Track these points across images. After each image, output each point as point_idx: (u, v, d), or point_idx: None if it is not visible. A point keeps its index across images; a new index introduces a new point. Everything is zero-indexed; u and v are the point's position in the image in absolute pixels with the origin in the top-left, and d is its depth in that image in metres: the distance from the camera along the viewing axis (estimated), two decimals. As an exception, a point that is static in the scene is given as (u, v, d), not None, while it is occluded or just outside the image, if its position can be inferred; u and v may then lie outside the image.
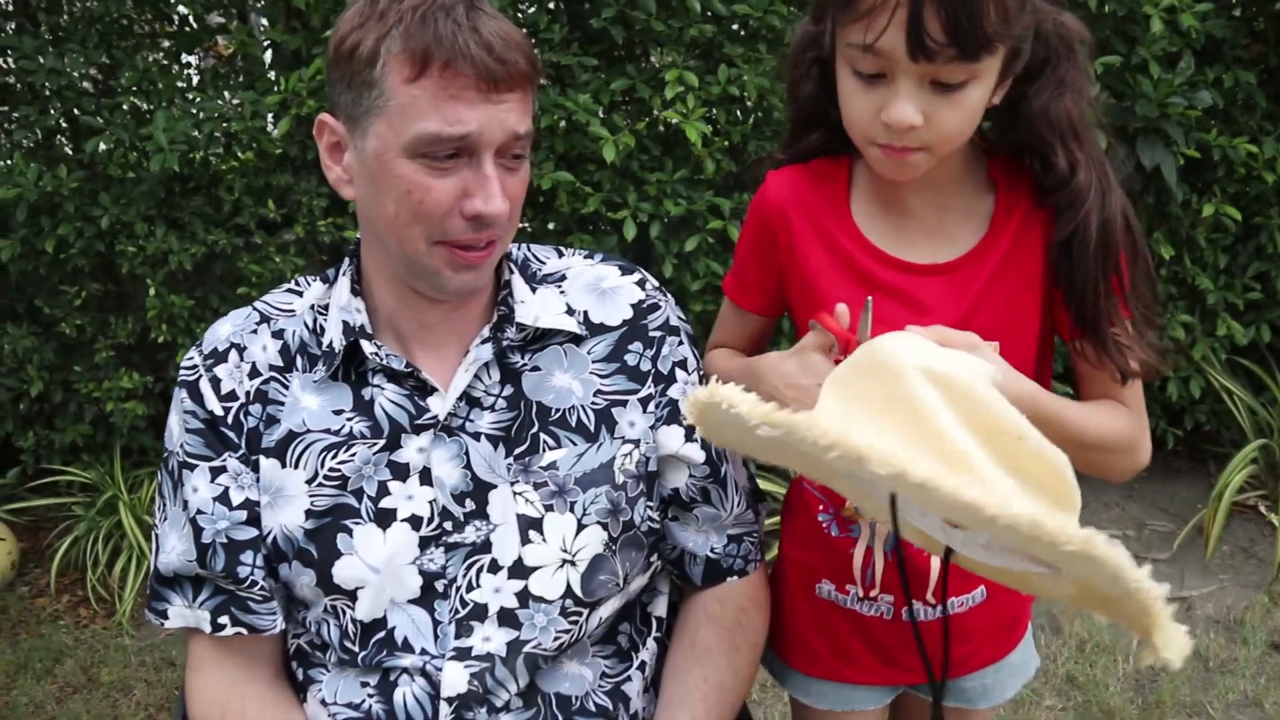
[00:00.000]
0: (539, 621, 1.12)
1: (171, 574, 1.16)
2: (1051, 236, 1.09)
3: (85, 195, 2.73)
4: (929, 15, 0.93)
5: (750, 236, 1.24)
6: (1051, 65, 1.04)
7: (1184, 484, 3.38)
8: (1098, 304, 1.07)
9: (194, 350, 1.18)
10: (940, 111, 1.00)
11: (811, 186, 1.18)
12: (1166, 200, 2.83)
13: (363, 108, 1.02)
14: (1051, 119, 1.04)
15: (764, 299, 1.26)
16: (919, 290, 1.12)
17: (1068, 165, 1.05)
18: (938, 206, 1.14)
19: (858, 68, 1.01)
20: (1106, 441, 1.11)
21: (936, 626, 1.19)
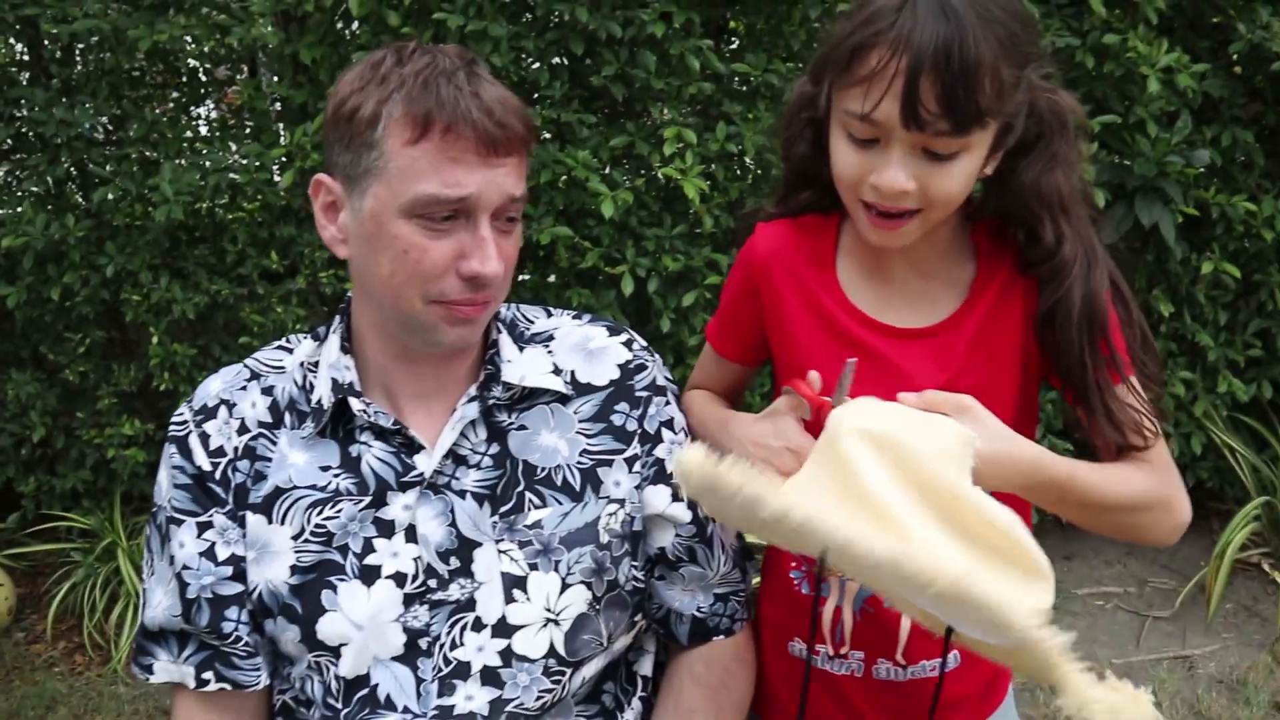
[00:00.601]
0: (522, 680, 1.11)
1: (157, 629, 1.16)
2: (1033, 306, 1.10)
3: (91, 244, 2.77)
4: (925, 87, 0.95)
5: (734, 287, 1.25)
6: (1045, 140, 1.06)
7: (1186, 541, 3.33)
8: (1085, 376, 1.07)
9: (184, 406, 1.19)
10: (931, 179, 1.02)
11: (799, 242, 1.19)
12: (1165, 258, 2.84)
13: (361, 168, 1.04)
14: (1042, 193, 1.06)
15: (743, 349, 1.27)
16: (897, 354, 1.13)
17: (1054, 239, 1.06)
18: (920, 272, 1.15)
19: (851, 131, 1.03)
20: (1130, 502, 1.07)
21: (908, 687, 1.18)
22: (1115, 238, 2.69)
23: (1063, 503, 1.06)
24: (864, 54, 0.98)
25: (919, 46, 0.95)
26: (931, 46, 0.95)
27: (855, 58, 0.99)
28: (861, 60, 0.98)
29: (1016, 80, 1.00)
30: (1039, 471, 1.01)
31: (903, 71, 0.96)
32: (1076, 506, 1.07)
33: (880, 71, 0.97)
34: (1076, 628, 2.86)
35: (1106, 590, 3.14)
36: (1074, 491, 1.03)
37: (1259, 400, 3.15)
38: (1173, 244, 2.71)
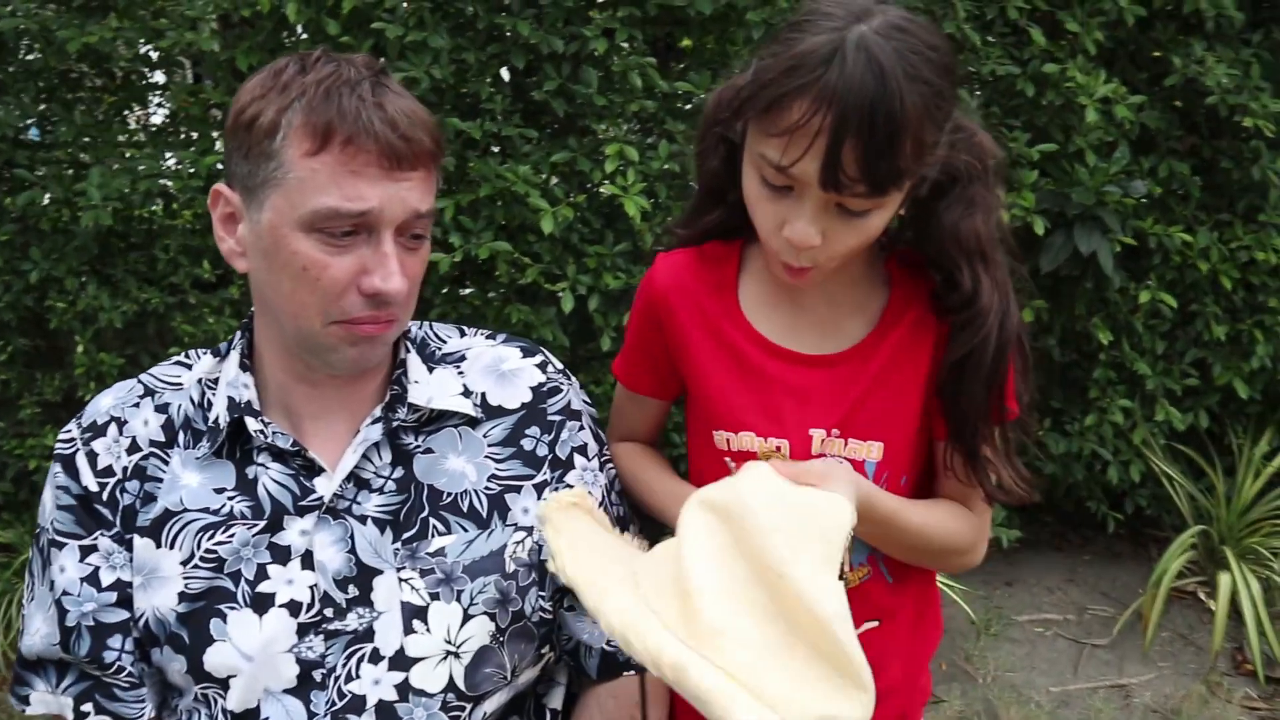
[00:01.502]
0: (418, 716, 1.07)
1: (35, 657, 1.11)
2: (942, 347, 1.08)
3: (15, 249, 2.69)
4: (847, 151, 0.91)
5: (636, 320, 1.22)
6: (961, 185, 1.03)
7: (1125, 568, 3.38)
8: (977, 425, 1.06)
9: (73, 423, 1.14)
10: (839, 233, 0.99)
11: (699, 271, 1.16)
12: (1104, 286, 2.86)
13: (259, 179, 1.00)
14: (960, 238, 1.03)
15: (655, 382, 1.24)
16: (802, 381, 1.10)
17: (971, 285, 1.04)
18: (829, 299, 1.12)
19: (766, 177, 0.99)
20: (946, 545, 1.12)
21: None
22: (1053, 265, 2.70)
23: (885, 538, 1.09)
24: (787, 103, 0.93)
25: (845, 107, 0.90)
26: (858, 109, 0.90)
27: (777, 105, 0.94)
28: (783, 109, 0.94)
29: (937, 140, 0.97)
30: (871, 506, 1.01)
31: (826, 131, 0.91)
32: (895, 542, 1.11)
33: (803, 127, 0.92)
34: (1015, 655, 2.89)
35: (1046, 617, 3.14)
36: (896, 528, 1.06)
37: (1196, 429, 3.18)
38: (1111, 273, 2.73)
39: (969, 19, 2.60)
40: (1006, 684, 2.80)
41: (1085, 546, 3.50)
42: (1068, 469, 3.12)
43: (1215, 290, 3.02)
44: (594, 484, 1.18)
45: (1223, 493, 3.18)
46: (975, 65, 2.66)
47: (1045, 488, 3.28)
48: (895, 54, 0.91)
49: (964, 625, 3.02)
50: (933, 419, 1.13)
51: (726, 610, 0.86)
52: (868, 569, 1.16)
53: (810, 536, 0.89)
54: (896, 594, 1.18)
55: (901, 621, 1.20)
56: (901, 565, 1.16)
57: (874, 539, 1.10)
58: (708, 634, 0.85)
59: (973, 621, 3.01)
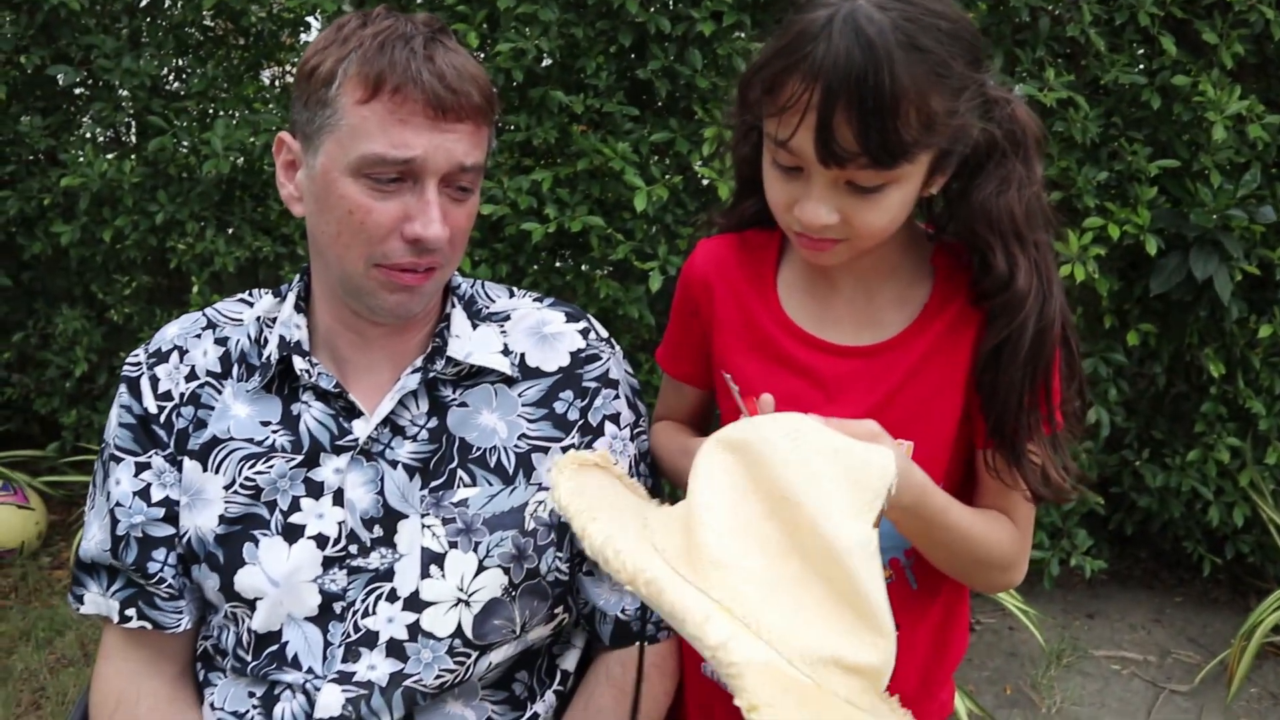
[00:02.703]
0: (424, 657, 1.10)
1: (90, 561, 1.18)
2: (982, 340, 1.04)
3: (145, 190, 2.85)
4: (839, 122, 0.90)
5: (676, 305, 1.22)
6: (995, 159, 0.99)
7: (1219, 616, 3.20)
8: (1018, 417, 1.02)
9: (141, 348, 1.21)
10: (858, 212, 0.97)
11: (738, 258, 1.15)
12: (1220, 315, 2.71)
13: (316, 125, 1.05)
14: (991, 217, 0.99)
15: (692, 368, 1.24)
16: (831, 372, 1.08)
17: (1006, 267, 1.00)
18: (867, 290, 1.10)
19: (776, 158, 0.98)
20: (988, 557, 1.06)
21: None
22: (1165, 288, 2.57)
23: (927, 536, 1.03)
24: (781, 81, 0.93)
25: (832, 80, 0.89)
26: (844, 80, 0.88)
27: (774, 84, 0.94)
28: (779, 88, 0.93)
29: (952, 109, 0.93)
30: (924, 496, 0.97)
31: (815, 106, 0.90)
32: (939, 544, 1.04)
33: (794, 104, 0.91)
34: (1087, 689, 2.77)
35: (1125, 655, 3.00)
36: (943, 526, 1.01)
37: (1312, 476, 2.98)
38: (1228, 302, 2.58)
39: (1095, 23, 2.49)
40: (1071, 717, 2.70)
41: (1178, 588, 3.33)
42: (1165, 504, 2.97)
43: (1347, 330, 2.82)
44: (622, 453, 1.19)
45: (1336, 547, 2.98)
46: (1100, 72, 2.55)
47: (1139, 521, 3.13)
48: (889, 24, 0.89)
49: (1035, 651, 2.91)
50: (974, 423, 1.08)
51: (732, 545, 0.82)
52: (891, 573, 1.13)
53: (839, 478, 0.84)
54: (920, 602, 1.15)
55: (922, 632, 1.16)
56: (929, 572, 1.12)
57: (917, 536, 1.05)
58: (708, 566, 0.81)
59: (1045, 649, 2.91)
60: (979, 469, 1.09)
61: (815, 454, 0.84)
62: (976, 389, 1.05)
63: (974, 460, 1.11)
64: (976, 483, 1.11)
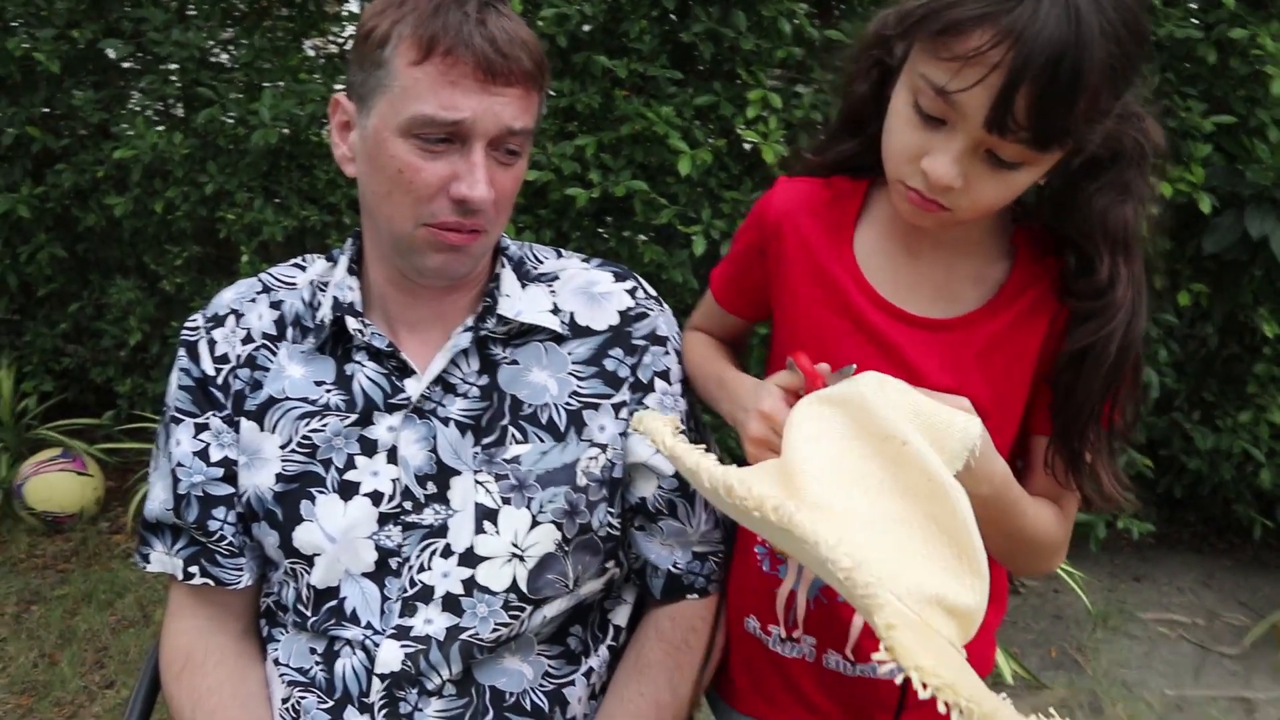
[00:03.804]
0: (480, 611, 1.12)
1: (154, 520, 1.21)
2: (1057, 333, 1.03)
3: (195, 162, 2.89)
4: (1022, 93, 0.85)
5: (744, 241, 1.19)
6: (1119, 168, 0.97)
7: (1269, 579, 3.16)
8: (1086, 425, 1.01)
9: (199, 313, 1.24)
10: (982, 182, 0.93)
11: (818, 206, 1.11)
12: (1275, 275, 2.65)
13: (370, 86, 1.06)
14: (1109, 225, 0.97)
15: (744, 304, 1.22)
16: (901, 340, 1.05)
17: (1109, 276, 0.98)
18: (946, 262, 1.07)
19: (920, 101, 0.92)
20: (1038, 543, 1.05)
21: (855, 683, 1.14)
22: (1219, 247, 2.52)
23: (995, 524, 1.00)
24: (966, 29, 0.86)
25: (1032, 48, 0.83)
26: (1046, 53, 0.83)
27: (955, 29, 0.87)
28: (962, 35, 0.86)
29: (1111, 107, 0.90)
30: (1005, 489, 0.97)
31: (1005, 68, 0.84)
32: (1002, 532, 1.02)
33: (979, 58, 0.85)
34: (1133, 652, 2.76)
35: (1172, 618, 2.98)
36: (1013, 519, 1.00)
37: (1367, 438, 2.93)
38: (1284, 260, 2.53)
39: (1149, -23, 2.44)
40: (1117, 679, 2.69)
41: (1227, 551, 3.30)
42: (1215, 467, 2.94)
43: (1407, 289, 2.76)
44: (673, 408, 1.20)
45: (1391, 510, 2.93)
46: (1154, 26, 2.49)
47: (1189, 484, 3.10)
48: (1094, 5, 0.85)
49: (1081, 614, 2.90)
50: (1035, 411, 1.07)
51: (832, 488, 0.81)
52: None
53: (928, 433, 0.83)
54: None
55: None
56: None
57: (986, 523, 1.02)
58: (808, 509, 0.79)
59: (1091, 612, 2.89)
60: (1033, 458, 1.08)
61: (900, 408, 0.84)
62: (1051, 386, 1.04)
63: (1028, 444, 1.10)
64: (1028, 467, 1.10)
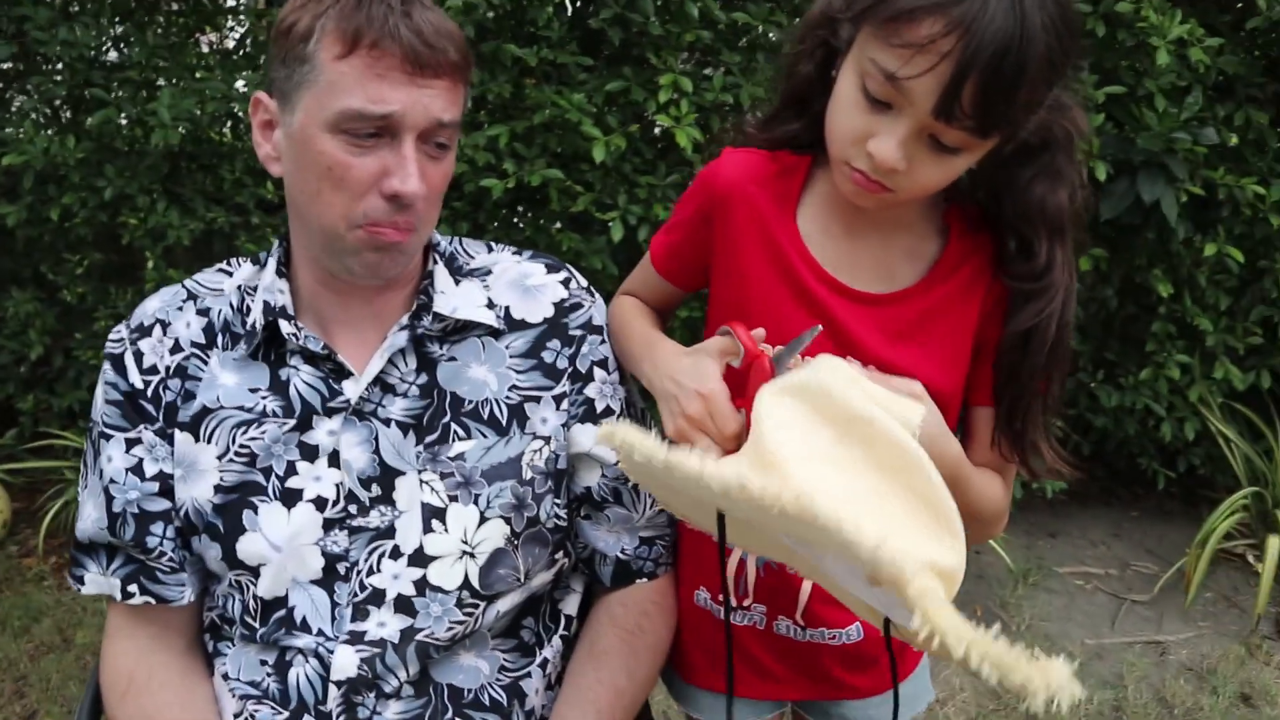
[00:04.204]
0: (434, 611, 1.12)
1: (87, 541, 1.18)
2: (991, 307, 1.08)
3: (91, 166, 2.78)
4: (970, 83, 0.89)
5: (690, 209, 1.19)
6: (1050, 153, 1.02)
7: (1174, 527, 3.33)
8: (1030, 402, 1.07)
9: (122, 324, 1.20)
10: (924, 165, 0.97)
11: (766, 177, 1.13)
12: (1167, 237, 2.78)
13: (294, 83, 1.04)
14: (1047, 211, 1.02)
15: (684, 273, 1.22)
16: (846, 315, 1.09)
17: (1047, 259, 1.03)
18: (883, 238, 1.10)
19: (869, 86, 0.95)
20: (987, 514, 1.11)
21: (805, 648, 1.18)
22: (1114, 213, 2.63)
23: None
24: (917, 17, 0.90)
25: (981, 41, 0.87)
26: (993, 46, 0.87)
27: (907, 17, 0.90)
28: (913, 23, 0.90)
29: (1045, 97, 0.95)
30: (957, 468, 1.01)
31: (954, 59, 0.88)
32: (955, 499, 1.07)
33: (930, 47, 0.89)
34: (1053, 605, 2.88)
35: (1087, 570, 3.12)
36: (963, 494, 1.03)
37: (1257, 389, 3.10)
38: (1175, 223, 2.65)
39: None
40: (1041, 633, 2.81)
41: (1134, 503, 3.46)
42: (1120, 423, 3.08)
43: (1288, 246, 2.93)
44: (613, 397, 1.21)
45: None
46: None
47: (1096, 441, 3.24)
48: (1040, 3, 0.89)
49: (1002, 573, 3.02)
50: (973, 383, 1.12)
51: (812, 471, 0.84)
52: None
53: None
54: None
55: None
56: None
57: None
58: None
59: (1011, 569, 3.01)
60: (973, 428, 1.13)
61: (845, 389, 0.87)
62: (994, 368, 1.09)
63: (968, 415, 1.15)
64: (969, 437, 1.15)
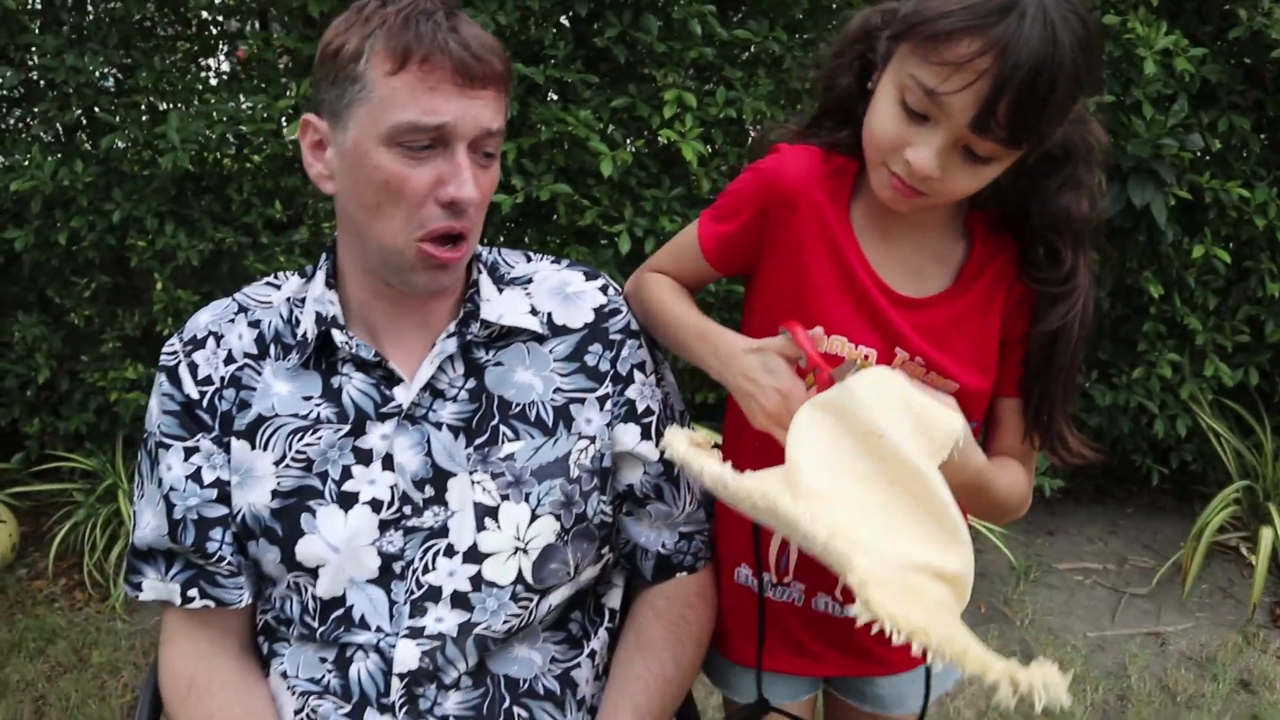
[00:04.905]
0: (490, 605, 1.16)
1: (146, 548, 1.21)
2: (1012, 302, 1.15)
3: (99, 190, 2.81)
4: (1005, 100, 0.95)
5: (748, 199, 1.20)
6: (1072, 163, 1.09)
7: (1168, 522, 3.40)
8: (1055, 397, 1.14)
9: (175, 337, 1.24)
10: (956, 174, 1.03)
11: (824, 175, 1.17)
12: (1157, 240, 2.87)
13: (345, 101, 1.09)
14: (1073, 219, 1.09)
15: (730, 260, 1.25)
16: (887, 317, 1.14)
17: (1071, 264, 1.10)
18: (915, 242, 1.16)
19: (908, 99, 1.02)
20: (1011, 503, 1.18)
21: (843, 623, 1.23)
22: (1106, 217, 2.71)
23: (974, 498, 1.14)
24: (956, 37, 0.96)
25: (1017, 60, 0.93)
26: (1029, 65, 0.93)
27: (946, 37, 0.96)
28: (952, 42, 0.96)
29: (1071, 110, 1.02)
30: (982, 474, 1.07)
31: (991, 77, 0.94)
32: (979, 504, 1.16)
33: (968, 66, 0.95)
34: (1054, 601, 2.94)
35: (1086, 566, 3.18)
36: (989, 493, 1.12)
37: (1245, 386, 3.18)
38: (1164, 226, 2.73)
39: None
40: (1044, 627, 2.86)
41: (1129, 500, 3.54)
42: (1114, 421, 3.15)
43: (1271, 247, 3.01)
44: (652, 398, 1.26)
45: (1270, 450, 3.19)
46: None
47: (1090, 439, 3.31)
48: (1072, 25, 0.95)
49: (1004, 570, 3.08)
50: (999, 377, 1.18)
51: (828, 477, 0.93)
52: None
53: (918, 431, 0.95)
54: None
55: None
56: None
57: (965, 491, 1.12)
58: (808, 496, 0.91)
59: (1013, 567, 3.07)
60: (999, 418, 1.20)
61: (892, 403, 0.95)
62: (1024, 366, 1.16)
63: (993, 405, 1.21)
64: (994, 426, 1.21)
